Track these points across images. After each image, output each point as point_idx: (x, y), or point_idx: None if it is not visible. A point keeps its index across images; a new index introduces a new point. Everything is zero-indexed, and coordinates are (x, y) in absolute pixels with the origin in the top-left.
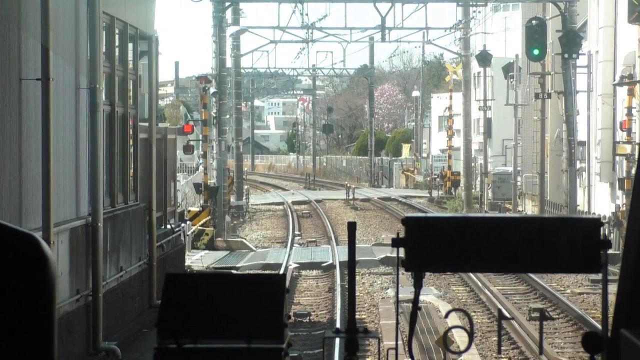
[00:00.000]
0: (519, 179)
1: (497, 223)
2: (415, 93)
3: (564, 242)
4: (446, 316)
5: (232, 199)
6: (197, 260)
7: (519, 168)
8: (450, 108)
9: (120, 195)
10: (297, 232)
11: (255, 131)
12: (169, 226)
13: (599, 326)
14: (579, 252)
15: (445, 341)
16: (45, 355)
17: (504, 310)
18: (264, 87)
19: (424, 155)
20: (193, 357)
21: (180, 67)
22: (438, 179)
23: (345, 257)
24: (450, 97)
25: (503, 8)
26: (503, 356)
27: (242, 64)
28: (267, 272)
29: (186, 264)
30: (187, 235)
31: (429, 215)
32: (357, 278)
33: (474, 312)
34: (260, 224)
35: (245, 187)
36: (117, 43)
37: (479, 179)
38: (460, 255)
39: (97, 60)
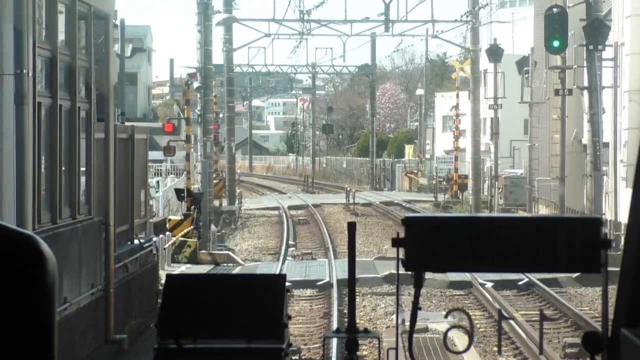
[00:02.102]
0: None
1: (497, 223)
2: (419, 91)
3: (564, 241)
4: (446, 316)
5: (224, 203)
6: None
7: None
8: (457, 107)
9: (66, 209)
10: (291, 242)
11: (255, 131)
12: (136, 241)
13: None
14: (579, 252)
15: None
16: (45, 357)
17: (503, 311)
18: (261, 85)
19: (427, 156)
20: (193, 357)
21: (177, 66)
22: (444, 182)
23: (343, 274)
24: (457, 96)
25: (509, 3)
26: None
27: (238, 61)
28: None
29: (162, 281)
30: (164, 248)
31: (429, 214)
32: (357, 300)
33: (496, 345)
34: (252, 232)
35: (238, 190)
36: (64, 22)
37: (486, 182)
38: (460, 255)
39: (24, 39)
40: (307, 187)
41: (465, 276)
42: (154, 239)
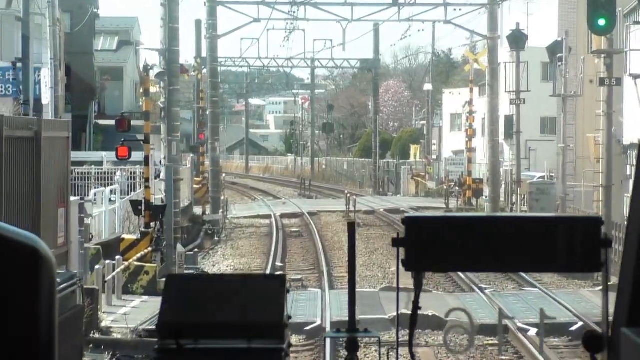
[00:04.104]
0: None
1: (497, 222)
2: (427, 86)
3: (564, 241)
4: (446, 316)
5: (208, 211)
6: (120, 318)
7: (552, 174)
8: (470, 102)
9: None
10: (279, 264)
11: (254, 130)
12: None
13: None
14: (579, 251)
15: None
16: (46, 358)
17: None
18: (257, 82)
19: (433, 157)
20: (194, 357)
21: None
22: (457, 187)
23: (340, 314)
24: (471, 90)
25: None
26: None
27: (230, 54)
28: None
29: (104, 324)
30: (105, 282)
31: (429, 214)
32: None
33: None
34: (236, 248)
35: (223, 197)
36: None
37: (502, 187)
38: (460, 255)
39: None
40: (304, 190)
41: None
42: (98, 267)
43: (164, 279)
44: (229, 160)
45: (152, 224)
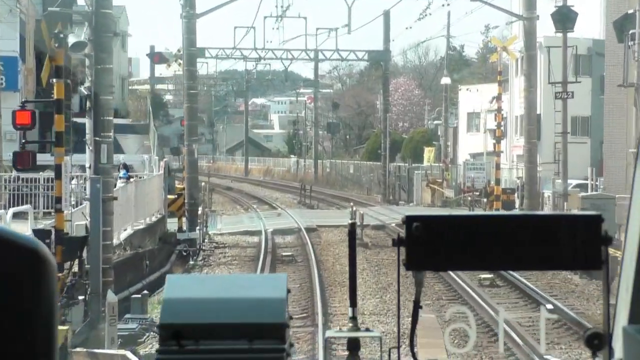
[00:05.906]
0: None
1: (497, 221)
2: (445, 80)
3: (564, 239)
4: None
5: (184, 227)
6: None
7: (597, 183)
8: (499, 98)
9: None
10: None
11: (258, 130)
12: None
13: None
14: (580, 249)
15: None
16: None
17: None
18: (255, 77)
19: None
20: (195, 358)
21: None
22: (484, 199)
23: None
24: (500, 84)
25: None
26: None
27: (223, 45)
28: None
29: None
30: None
31: (429, 214)
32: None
33: None
34: None
35: (201, 211)
36: None
37: (539, 199)
38: (460, 254)
39: None
40: (305, 197)
41: None
42: None
43: (79, 349)
44: (229, 161)
45: (67, 265)
